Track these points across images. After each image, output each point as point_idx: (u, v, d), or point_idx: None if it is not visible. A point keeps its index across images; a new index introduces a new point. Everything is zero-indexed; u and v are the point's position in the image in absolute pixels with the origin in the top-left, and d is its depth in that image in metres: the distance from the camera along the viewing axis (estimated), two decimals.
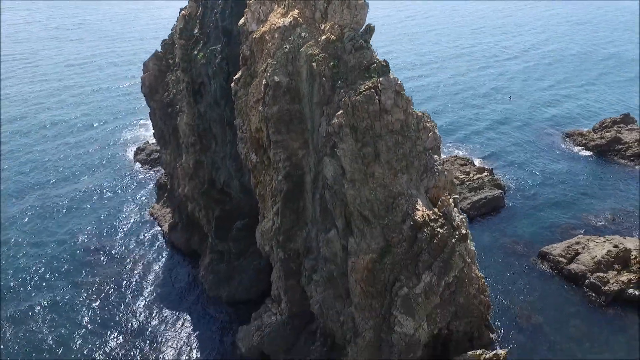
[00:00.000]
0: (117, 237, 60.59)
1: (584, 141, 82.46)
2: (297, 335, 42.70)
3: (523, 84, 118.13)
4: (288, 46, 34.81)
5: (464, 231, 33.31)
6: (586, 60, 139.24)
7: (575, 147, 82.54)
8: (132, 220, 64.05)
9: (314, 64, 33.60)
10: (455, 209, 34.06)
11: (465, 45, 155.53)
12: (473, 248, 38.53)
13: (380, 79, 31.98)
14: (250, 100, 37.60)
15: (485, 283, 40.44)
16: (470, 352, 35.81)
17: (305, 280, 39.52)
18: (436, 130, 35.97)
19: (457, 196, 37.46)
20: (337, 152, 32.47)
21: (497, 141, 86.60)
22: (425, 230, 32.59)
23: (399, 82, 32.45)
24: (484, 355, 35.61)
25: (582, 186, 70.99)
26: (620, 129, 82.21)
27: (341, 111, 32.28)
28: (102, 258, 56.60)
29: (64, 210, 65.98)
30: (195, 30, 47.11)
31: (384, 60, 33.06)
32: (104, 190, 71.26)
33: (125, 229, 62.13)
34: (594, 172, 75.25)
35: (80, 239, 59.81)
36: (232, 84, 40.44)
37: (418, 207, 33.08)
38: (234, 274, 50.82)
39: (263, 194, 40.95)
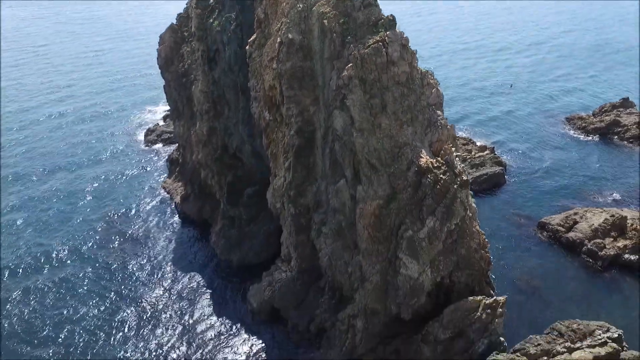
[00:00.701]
0: (132, 211, 62.81)
1: (583, 124, 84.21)
2: (307, 290, 44.49)
3: (530, 75, 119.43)
4: (301, 5, 37.00)
5: (464, 177, 35.23)
6: (596, 52, 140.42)
7: (576, 130, 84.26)
8: (146, 195, 66.38)
9: (325, 21, 35.74)
10: (457, 158, 36.02)
11: (472, 40, 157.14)
12: (474, 205, 40.42)
13: (388, 32, 34.11)
14: (265, 60, 39.76)
15: (486, 240, 42.32)
16: (471, 298, 37.51)
17: (315, 233, 41.35)
18: (439, 87, 38.02)
19: (459, 153, 39.45)
20: (346, 102, 34.54)
21: (500, 125, 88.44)
22: (428, 176, 34.59)
23: (404, 35, 34.55)
24: (484, 301, 37.23)
25: (582, 166, 72.70)
26: (619, 112, 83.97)
27: (351, 64, 34.40)
28: (117, 231, 58.78)
29: (81, 191, 68.17)
30: (211, 0, 49.37)
31: (391, 15, 35.21)
32: (118, 170, 73.58)
33: (139, 203, 64.45)
34: (593, 153, 76.94)
35: (96, 215, 62.02)
36: (247, 47, 42.57)
37: (422, 155, 35.16)
38: (244, 239, 52.75)
39: (275, 152, 43.03)
